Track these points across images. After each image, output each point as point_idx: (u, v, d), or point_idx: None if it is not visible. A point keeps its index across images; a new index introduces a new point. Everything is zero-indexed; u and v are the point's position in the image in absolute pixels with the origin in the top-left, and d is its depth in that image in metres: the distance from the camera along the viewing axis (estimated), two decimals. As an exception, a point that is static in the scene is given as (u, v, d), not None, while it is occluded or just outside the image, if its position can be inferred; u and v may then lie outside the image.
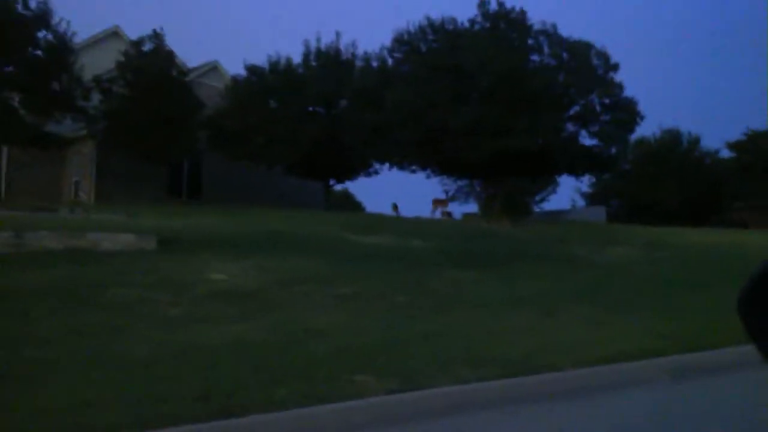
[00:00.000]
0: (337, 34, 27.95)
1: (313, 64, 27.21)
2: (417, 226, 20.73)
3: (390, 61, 24.06)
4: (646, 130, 57.44)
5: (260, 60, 27.45)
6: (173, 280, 10.54)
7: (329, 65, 26.68)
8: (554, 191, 41.48)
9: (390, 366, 6.47)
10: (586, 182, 46.43)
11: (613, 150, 23.66)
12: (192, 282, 10.54)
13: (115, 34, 30.98)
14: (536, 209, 42.12)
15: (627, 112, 22.88)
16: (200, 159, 29.02)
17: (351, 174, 28.38)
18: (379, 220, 22.21)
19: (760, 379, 6.75)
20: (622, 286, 12.07)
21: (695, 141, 43.01)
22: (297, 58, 27.55)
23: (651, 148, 43.13)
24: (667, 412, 5.77)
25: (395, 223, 20.77)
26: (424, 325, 8.63)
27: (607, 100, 22.84)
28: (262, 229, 17.02)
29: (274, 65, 26.05)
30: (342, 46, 27.88)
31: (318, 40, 27.55)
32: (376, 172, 28.53)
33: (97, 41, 29.56)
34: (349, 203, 45.90)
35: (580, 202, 46.66)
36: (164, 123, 23.18)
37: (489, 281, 12.21)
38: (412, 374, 6.23)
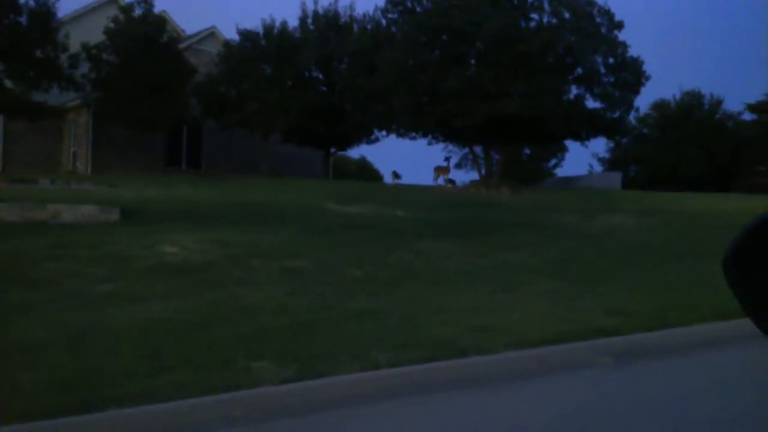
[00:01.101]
0: (334, -4, 27.02)
1: (311, 27, 26.36)
2: (409, 194, 20.04)
3: (384, 23, 23.07)
4: (666, 92, 55.64)
5: (256, 24, 26.55)
6: (118, 254, 10.05)
7: (326, 29, 25.81)
8: (563, 157, 40.16)
9: (299, 351, 5.88)
10: (603, 147, 45.27)
11: (617, 113, 22.44)
12: (138, 256, 10.03)
13: (113, 1, 30.35)
14: (549, 175, 41.06)
15: (632, 73, 21.66)
16: (200, 129, 28.48)
17: (350, 141, 27.64)
18: (372, 188, 21.56)
19: (713, 363, 6.05)
20: (602, 256, 11.32)
21: (717, 103, 41.23)
22: (295, 23, 26.74)
23: (671, 110, 41.51)
24: (596, 402, 5.09)
25: (386, 192, 20.11)
26: (367, 302, 8.02)
27: (611, 60, 21.64)
28: (242, 199, 16.52)
29: (268, 30, 25.21)
30: (340, 9, 26.98)
31: (315, 2, 26.65)
32: (377, 140, 27.78)
33: (94, 8, 28.98)
34: (366, 172, 44.53)
35: (598, 168, 45.37)
36: (153, 90, 22.59)
37: (461, 253, 11.53)
38: (319, 360, 5.64)
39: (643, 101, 50.21)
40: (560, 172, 43.39)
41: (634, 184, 39.76)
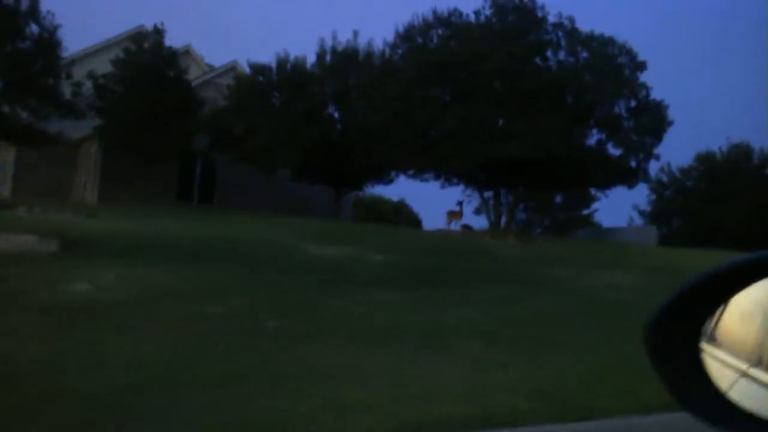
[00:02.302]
0: (355, 33, 26.26)
1: (328, 63, 25.64)
2: (410, 239, 18.79)
3: (394, 57, 22.07)
4: (712, 143, 53.12)
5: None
6: (18, 289, 9.11)
7: (345, 65, 25.03)
8: (589, 206, 38.14)
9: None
10: (644, 199, 43.03)
11: (634, 161, 20.65)
12: (38, 292, 9.09)
13: (139, 34, 30.44)
14: (585, 226, 39.03)
15: (653, 118, 19.98)
16: (214, 163, 28.00)
17: (361, 181, 26.49)
18: (374, 231, 20.34)
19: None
20: (569, 318, 9.80)
21: None
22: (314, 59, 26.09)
23: (717, 163, 39.29)
24: None
25: (384, 235, 18.88)
26: (245, 361, 6.79)
27: (633, 103, 20.05)
28: (220, 236, 15.57)
29: (281, 64, 24.65)
30: (360, 45, 26.20)
31: (333, 38, 25.99)
32: (391, 180, 26.61)
33: (110, 45, 29.07)
34: (404, 215, 42.54)
35: (638, 221, 43.08)
36: (157, 121, 22.15)
37: (409, 305, 10.21)
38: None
39: (679, 151, 47.88)
40: (603, 223, 41.24)
41: (674, 240, 37.53)
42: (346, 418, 5.11)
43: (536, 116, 17.59)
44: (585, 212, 37.97)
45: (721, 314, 1.08)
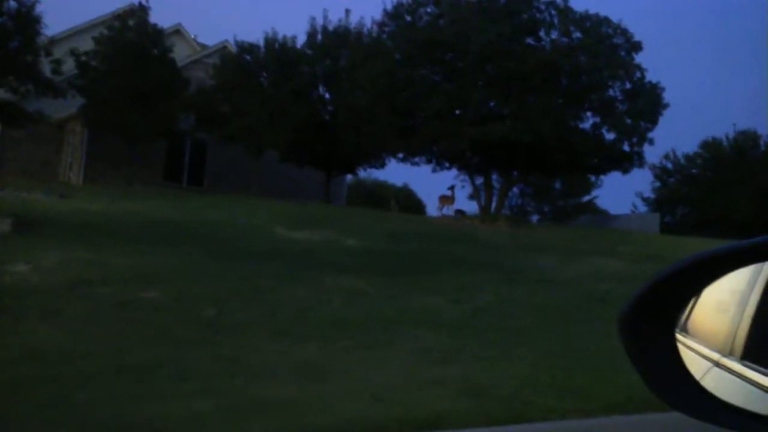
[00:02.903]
0: (346, 12, 25.40)
1: (319, 42, 24.84)
2: (393, 223, 18.10)
3: (384, 37, 21.20)
4: (718, 130, 51.99)
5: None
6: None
7: (336, 45, 24.21)
8: (588, 193, 37.25)
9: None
10: (648, 186, 42.07)
11: (626, 144, 19.69)
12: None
13: (124, 11, 29.66)
14: (588, 212, 38.11)
15: (648, 101, 19.04)
16: (204, 145, 27.36)
17: (352, 164, 25.71)
18: (356, 215, 19.66)
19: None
20: (543, 308, 9.12)
21: (776, 143, 37.81)
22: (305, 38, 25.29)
23: (723, 150, 38.32)
24: None
25: (365, 219, 18.21)
26: (159, 352, 6.18)
27: (628, 85, 19.13)
28: (190, 218, 14.98)
29: (270, 43, 23.88)
30: (353, 24, 25.35)
31: (325, 17, 25.15)
32: (383, 164, 25.84)
33: (106, 20, 28.34)
34: (412, 203, 40.71)
35: (642, 208, 42.12)
36: (141, 101, 21.53)
37: (373, 293, 9.56)
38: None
39: (684, 138, 46.91)
40: (611, 210, 40.23)
41: (679, 228, 36.69)
42: (239, 422, 4.48)
43: (526, 98, 16.75)
44: (586, 199, 37.04)
45: (695, 304, 1.08)
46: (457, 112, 17.23)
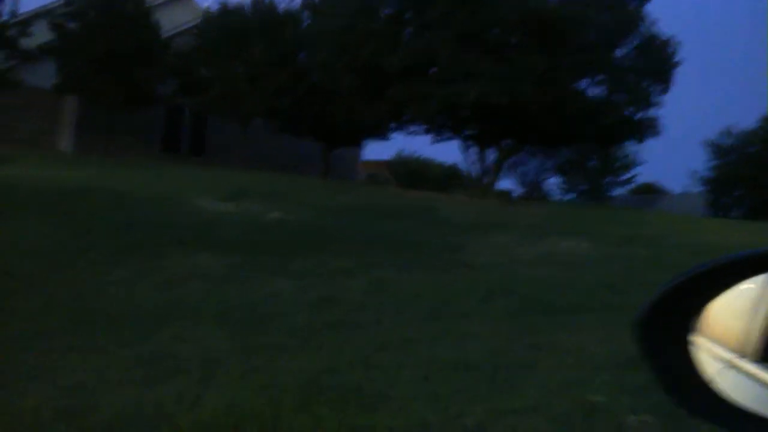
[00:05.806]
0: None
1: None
2: (355, 197, 16.13)
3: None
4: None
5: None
6: None
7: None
8: (627, 170, 33.88)
9: None
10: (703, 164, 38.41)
11: (632, 109, 16.60)
12: None
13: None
14: (621, 189, 34.81)
15: (656, 59, 15.95)
16: (206, 117, 26.02)
17: (353, 135, 23.57)
18: (318, 187, 17.72)
19: None
20: (408, 299, 6.99)
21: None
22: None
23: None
24: None
25: (321, 192, 16.29)
26: None
27: (636, 41, 16.11)
28: (98, 186, 13.37)
29: (257, 3, 22.07)
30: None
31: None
32: (386, 136, 23.74)
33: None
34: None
35: (695, 188, 38.45)
36: (113, 65, 20.19)
37: (226, 276, 7.65)
38: None
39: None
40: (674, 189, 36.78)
41: (731, 210, 33.33)
42: None
43: (507, 55, 14.22)
44: (625, 177, 33.92)
45: (711, 308, 1.04)
46: (431, 72, 14.91)
